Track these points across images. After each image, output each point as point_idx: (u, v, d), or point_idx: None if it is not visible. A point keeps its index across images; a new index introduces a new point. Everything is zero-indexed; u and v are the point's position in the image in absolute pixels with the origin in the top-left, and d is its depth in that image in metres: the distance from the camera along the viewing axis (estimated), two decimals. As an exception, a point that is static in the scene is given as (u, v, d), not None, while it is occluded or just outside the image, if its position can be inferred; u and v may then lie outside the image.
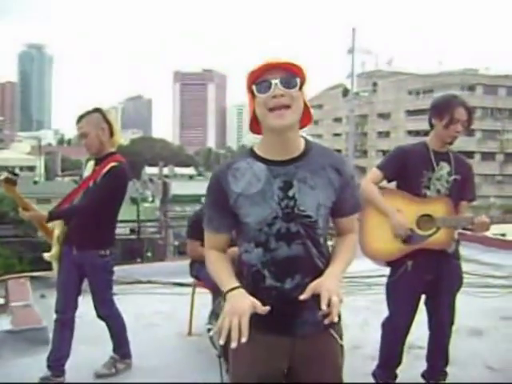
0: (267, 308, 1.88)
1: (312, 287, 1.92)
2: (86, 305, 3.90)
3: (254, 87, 1.93)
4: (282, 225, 1.99)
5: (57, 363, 3.74)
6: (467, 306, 3.92)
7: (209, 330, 3.63)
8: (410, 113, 55.25)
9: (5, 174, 3.52)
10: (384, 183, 3.56)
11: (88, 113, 3.75)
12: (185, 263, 6.59)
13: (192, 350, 4.35)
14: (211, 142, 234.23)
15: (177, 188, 37.84)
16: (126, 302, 5.52)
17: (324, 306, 1.82)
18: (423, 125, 3.49)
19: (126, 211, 4.24)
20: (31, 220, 3.69)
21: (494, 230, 6.72)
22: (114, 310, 3.95)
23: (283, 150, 2.00)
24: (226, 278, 2.02)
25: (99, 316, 3.92)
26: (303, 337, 2.04)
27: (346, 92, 39.43)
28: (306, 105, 1.98)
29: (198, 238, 4.42)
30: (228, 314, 1.85)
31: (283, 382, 2.12)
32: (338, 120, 62.06)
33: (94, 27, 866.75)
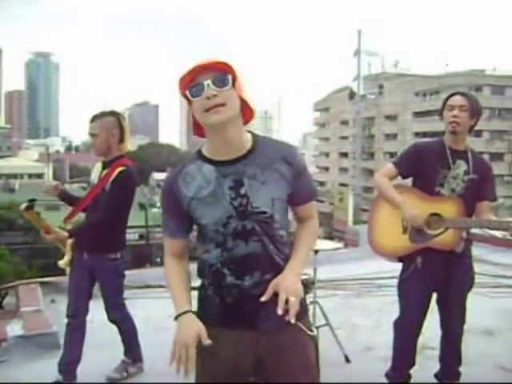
0: (209, 341, 1.89)
1: (272, 286, 1.95)
2: (96, 309, 3.90)
3: (187, 92, 1.93)
4: (237, 223, 1.99)
5: (68, 367, 3.74)
6: (478, 305, 3.90)
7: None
8: (417, 114, 55.03)
9: (24, 205, 3.59)
10: (399, 180, 3.54)
11: (103, 115, 3.74)
12: (194, 267, 6.58)
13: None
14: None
15: (185, 193, 37.76)
16: (136, 307, 5.51)
17: (280, 311, 1.86)
18: (430, 126, 3.45)
19: (134, 217, 4.25)
20: (53, 241, 3.72)
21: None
22: (125, 314, 3.95)
23: (228, 149, 1.99)
24: (178, 298, 2.04)
25: (110, 320, 3.92)
26: (267, 332, 2.03)
27: (352, 95, 39.44)
28: (244, 100, 1.97)
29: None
30: (176, 344, 1.91)
31: (251, 377, 2.10)
32: (344, 123, 61.96)
33: (100, 34, 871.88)
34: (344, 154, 60.58)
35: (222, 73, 1.91)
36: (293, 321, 1.84)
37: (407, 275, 3.48)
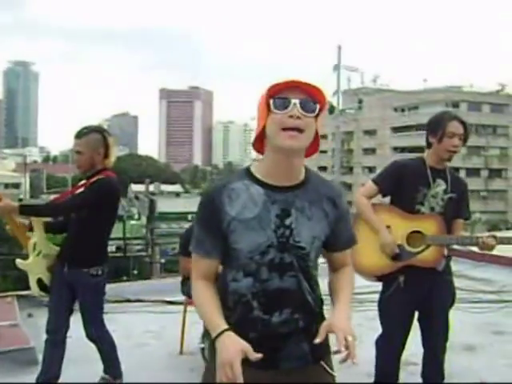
0: (259, 355, 1.75)
1: (325, 328, 1.82)
2: (75, 324, 3.80)
3: (271, 101, 1.81)
4: (275, 254, 1.87)
5: None
6: (459, 321, 3.90)
7: (202, 349, 3.58)
8: (396, 129, 55.60)
9: None
10: (379, 198, 3.54)
11: (89, 132, 3.66)
12: (173, 281, 6.51)
13: (184, 370, 4.25)
14: (197, 160, 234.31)
15: (163, 205, 37.66)
16: (115, 322, 5.41)
17: (342, 348, 1.74)
18: (409, 141, 3.43)
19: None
20: (2, 213, 3.52)
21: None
22: (103, 332, 3.83)
23: (285, 175, 1.89)
24: (213, 318, 1.87)
25: (89, 337, 3.83)
26: (288, 371, 1.90)
27: (331, 109, 39.72)
28: (316, 133, 1.89)
29: (190, 255, 4.37)
30: (221, 366, 1.75)
31: None
32: (323, 137, 60.67)
33: (81, 44, 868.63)
34: (323, 168, 60.64)
35: (313, 98, 1.81)
36: (355, 361, 1.73)
37: (389, 294, 3.44)
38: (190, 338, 4.45)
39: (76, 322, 3.78)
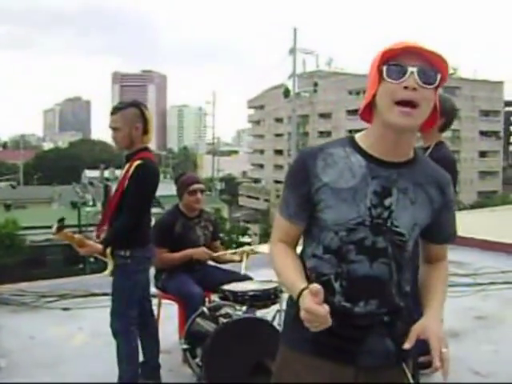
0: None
1: (417, 331, 1.63)
2: (38, 324, 3.47)
3: (384, 68, 1.59)
4: (367, 235, 1.66)
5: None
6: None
7: (184, 350, 3.28)
8: (351, 112, 55.93)
9: (55, 226, 3.24)
10: None
11: (125, 106, 3.44)
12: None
13: (162, 370, 3.90)
14: (152, 144, 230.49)
15: (119, 191, 36.99)
16: (80, 318, 5.09)
17: (438, 362, 1.54)
18: (364, 124, 3.28)
19: (66, 216, 3.91)
20: (89, 254, 3.39)
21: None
22: (124, 328, 3.41)
23: (393, 151, 1.68)
24: (293, 276, 1.66)
25: (111, 330, 3.45)
26: (368, 368, 1.69)
27: (287, 92, 39.66)
28: (435, 106, 1.65)
29: (162, 245, 4.09)
30: (308, 323, 1.51)
31: None
32: (279, 120, 62.27)
33: (30, 26, 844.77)
34: (279, 152, 60.87)
35: (433, 66, 1.59)
36: (447, 379, 1.55)
37: None
38: (165, 334, 4.13)
39: (40, 323, 3.45)
